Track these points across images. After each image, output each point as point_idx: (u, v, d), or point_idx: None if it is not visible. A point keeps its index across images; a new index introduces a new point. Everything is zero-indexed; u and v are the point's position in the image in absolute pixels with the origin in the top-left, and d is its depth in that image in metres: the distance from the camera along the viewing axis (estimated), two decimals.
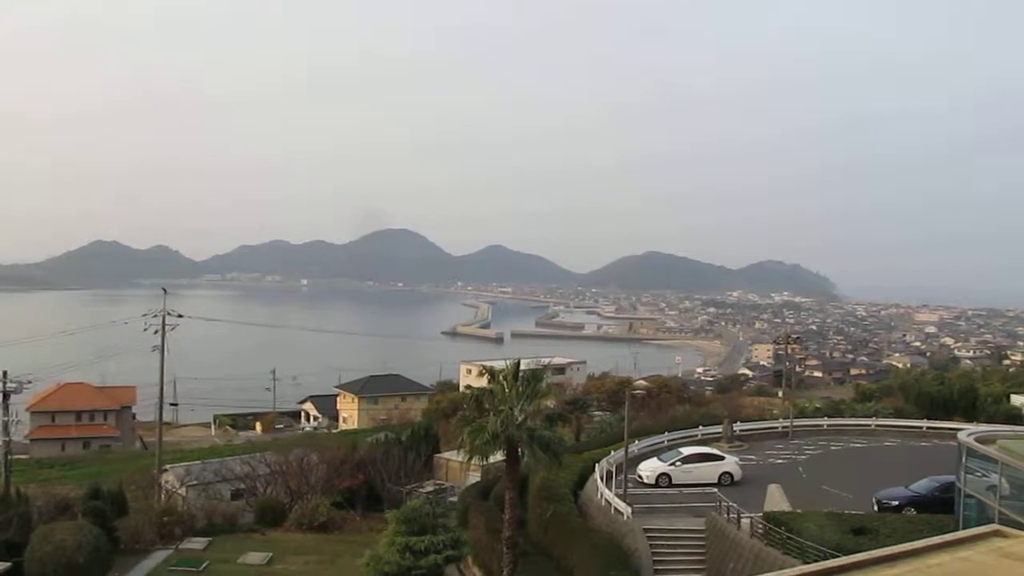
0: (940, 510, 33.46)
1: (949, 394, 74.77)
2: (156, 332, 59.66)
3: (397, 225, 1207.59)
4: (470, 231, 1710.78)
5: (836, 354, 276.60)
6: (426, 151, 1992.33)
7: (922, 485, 37.51)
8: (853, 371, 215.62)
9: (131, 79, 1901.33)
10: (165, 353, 59.49)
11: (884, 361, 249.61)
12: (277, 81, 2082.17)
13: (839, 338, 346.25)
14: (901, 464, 46.93)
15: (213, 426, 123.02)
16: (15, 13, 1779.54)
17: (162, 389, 62.45)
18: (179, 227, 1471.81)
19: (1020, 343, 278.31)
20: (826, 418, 64.98)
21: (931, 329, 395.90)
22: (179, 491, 54.85)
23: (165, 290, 66.87)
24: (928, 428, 59.68)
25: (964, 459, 30.76)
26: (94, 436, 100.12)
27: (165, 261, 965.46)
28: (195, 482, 55.67)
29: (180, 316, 61.21)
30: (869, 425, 61.38)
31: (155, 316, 60.04)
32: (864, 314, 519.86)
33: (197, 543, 45.14)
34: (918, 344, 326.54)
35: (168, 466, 59.64)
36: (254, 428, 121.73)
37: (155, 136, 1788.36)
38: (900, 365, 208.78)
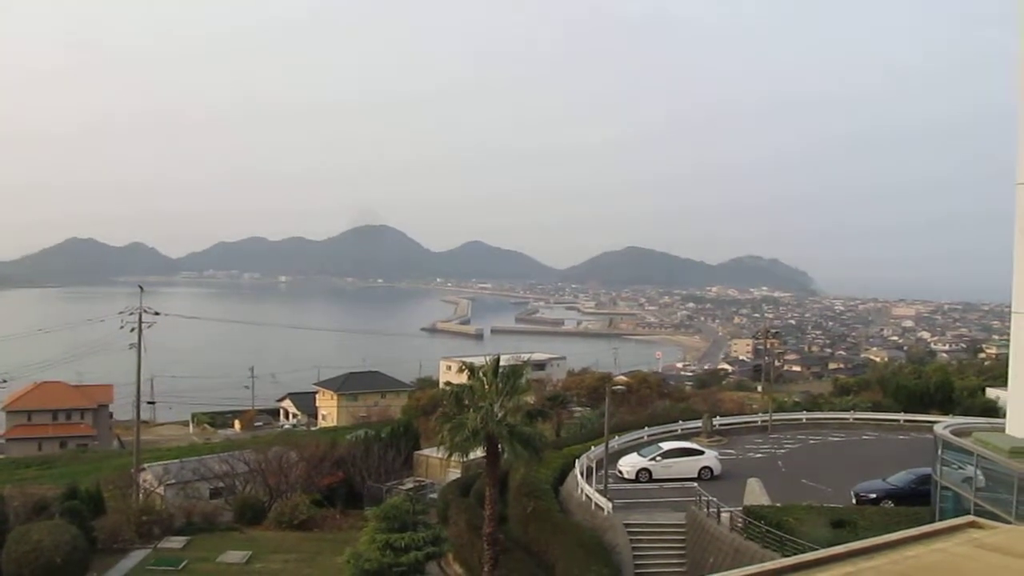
0: (917, 502, 33.82)
1: (926, 388, 75.53)
2: (132, 330, 59.21)
3: (377, 222, 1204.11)
4: (449, 227, 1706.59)
5: (814, 349, 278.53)
6: (406, 147, 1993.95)
7: (900, 478, 37.87)
8: (831, 365, 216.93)
9: (111, 84, 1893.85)
10: (142, 351, 59.07)
11: (862, 355, 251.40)
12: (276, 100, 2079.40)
13: (817, 333, 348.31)
14: (879, 457, 47.34)
15: (191, 424, 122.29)
16: None
17: (139, 387, 62.05)
18: (155, 224, 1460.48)
19: (995, 337, 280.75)
20: (805, 412, 65.52)
21: (908, 323, 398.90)
22: (157, 490, 54.51)
23: (142, 287, 66.40)
24: (905, 421, 60.25)
25: (940, 452, 31.07)
26: (71, 435, 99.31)
27: (141, 258, 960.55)
28: (173, 481, 55.33)
29: (157, 314, 60.77)
30: (847, 419, 61.89)
31: (131, 314, 59.59)
32: (842, 308, 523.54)
33: (176, 542, 44.86)
34: (895, 338, 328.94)
35: (146, 465, 59.21)
36: (233, 426, 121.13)
37: (131, 136, 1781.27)
38: (878, 359, 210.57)
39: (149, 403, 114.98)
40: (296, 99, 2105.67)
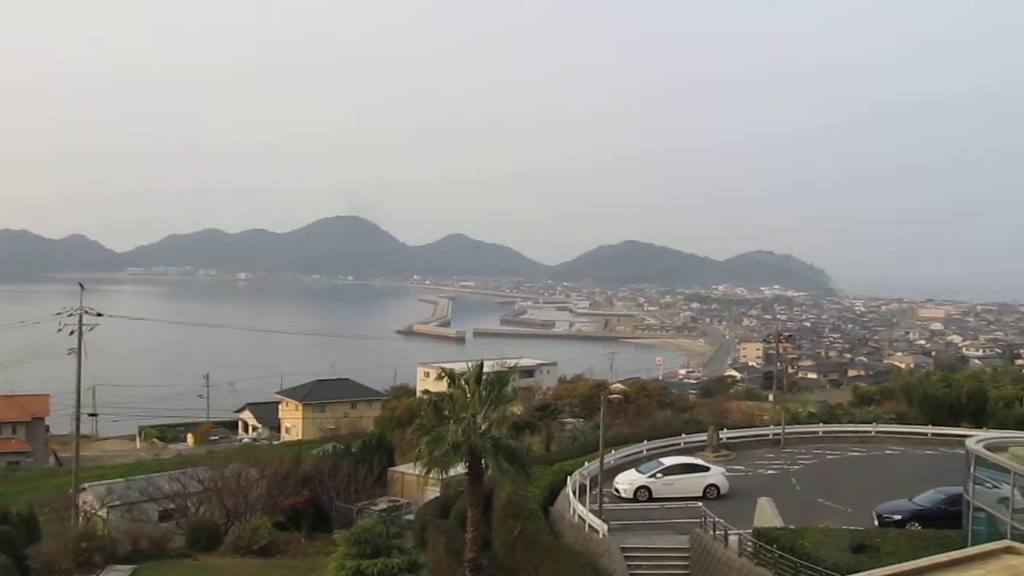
0: (947, 525, 33.81)
1: (956, 397, 75.58)
2: (72, 333, 58.75)
3: (347, 212, 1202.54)
4: (428, 219, 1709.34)
5: (832, 354, 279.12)
6: (379, 135, 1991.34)
7: (927, 497, 37.90)
8: (851, 372, 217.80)
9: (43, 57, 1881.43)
10: (83, 357, 58.63)
11: (885, 361, 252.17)
12: (225, 63, 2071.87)
13: (835, 336, 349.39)
14: (904, 474, 47.41)
15: (138, 439, 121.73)
16: None
17: (79, 397, 61.52)
18: (98, 212, 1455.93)
19: None
20: (821, 424, 65.58)
21: (936, 326, 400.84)
22: (99, 513, 54.14)
23: (82, 285, 65.80)
24: (933, 435, 60.34)
25: (973, 468, 31.09)
26: (1, 452, 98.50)
27: (83, 252, 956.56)
28: (118, 502, 54.96)
29: (100, 315, 60.31)
30: (869, 432, 61.98)
31: (70, 315, 59.13)
32: (863, 309, 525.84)
33: (120, 571, 44.57)
34: (922, 342, 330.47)
35: (87, 484, 58.79)
36: (185, 440, 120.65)
37: (75, 117, 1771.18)
38: (902, 365, 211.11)
39: (91, 415, 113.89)
40: (246, 62, 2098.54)
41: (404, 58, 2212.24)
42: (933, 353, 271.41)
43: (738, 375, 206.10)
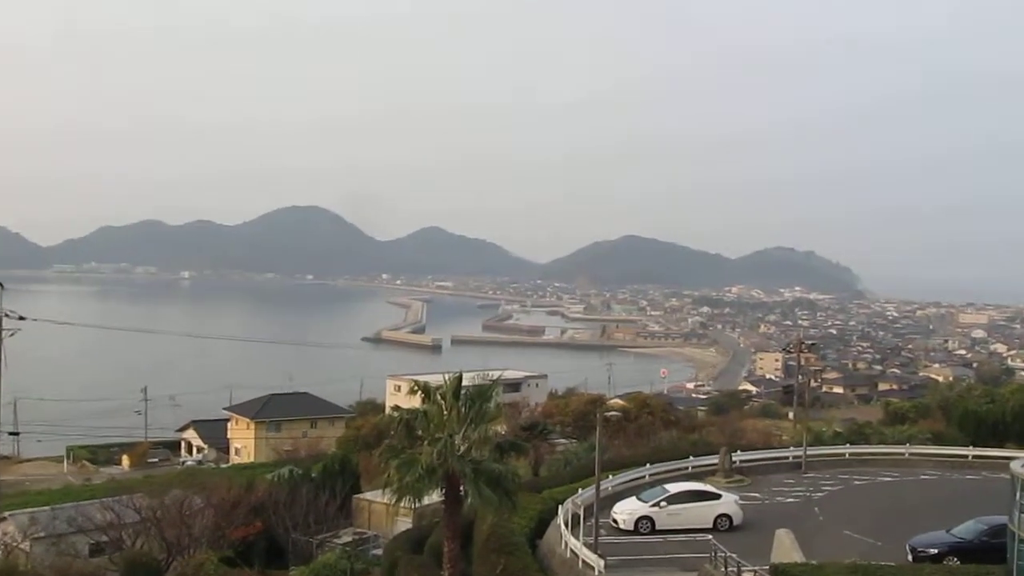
0: (989, 559, 33.94)
1: (1001, 414, 75.89)
2: None
3: (304, 202, 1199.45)
4: (399, 209, 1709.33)
5: (861, 365, 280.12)
6: (341, 117, 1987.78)
7: (967, 529, 38.07)
8: (882, 386, 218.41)
9: None
10: (2, 367, 58.35)
11: (920, 374, 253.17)
12: (159, 24, 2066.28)
13: (864, 345, 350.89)
14: (941, 502, 47.65)
15: (66, 461, 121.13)
16: None
17: None
18: (19, 201, 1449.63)
19: None
20: (848, 445, 65.74)
21: (978, 333, 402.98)
22: (21, 545, 53.89)
23: (2, 284, 65.59)
24: (974, 457, 60.62)
25: (1019, 495, 31.22)
26: None
27: (2, 247, 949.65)
28: (42, 533, 54.70)
29: (22, 318, 60.06)
30: (902, 454, 62.20)
31: None
32: (896, 314, 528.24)
33: None
34: (962, 352, 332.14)
35: (7, 513, 58.56)
36: (120, 463, 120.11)
37: None
38: (940, 378, 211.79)
39: (11, 434, 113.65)
40: (186, 25, 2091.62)
41: (374, 30, 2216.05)
42: (975, 364, 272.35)
43: (754, 389, 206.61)
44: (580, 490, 46.57)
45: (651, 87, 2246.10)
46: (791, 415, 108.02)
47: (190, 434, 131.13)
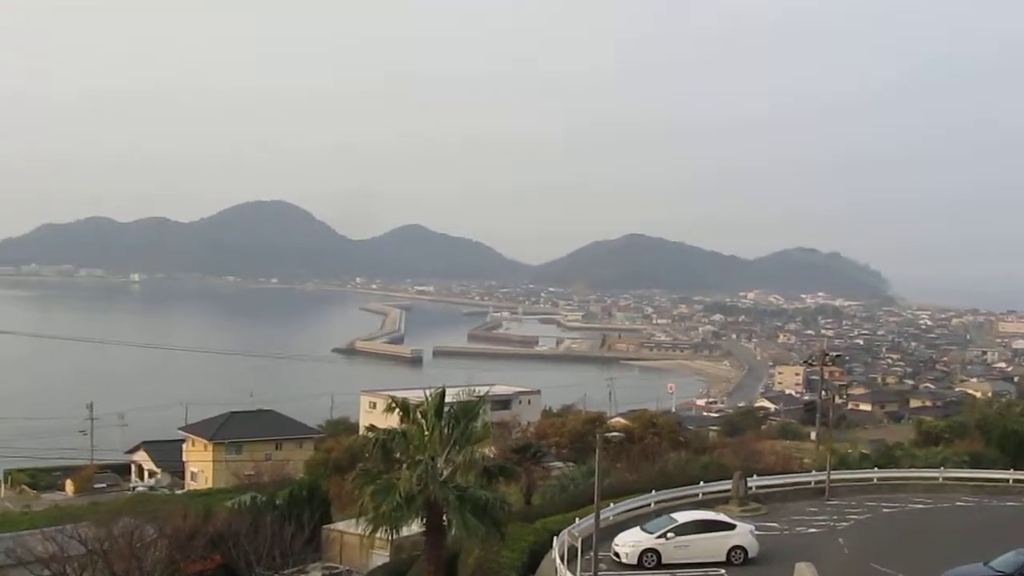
0: None
1: None
2: None
3: (269, 196, 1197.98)
4: (376, 205, 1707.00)
5: (891, 380, 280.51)
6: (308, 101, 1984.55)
7: (1007, 561, 38.17)
8: (913, 403, 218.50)
9: None
10: None
11: (956, 389, 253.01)
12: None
13: (895, 357, 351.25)
14: (979, 532, 47.77)
15: (3, 486, 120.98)
16: None
17: None
18: None
19: None
20: (877, 469, 65.94)
21: (1020, 343, 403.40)
22: None
23: None
24: (1015, 481, 60.80)
25: None
26: None
27: None
28: None
29: None
30: (935, 478, 62.38)
31: None
32: (929, 322, 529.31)
33: None
34: (1003, 365, 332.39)
35: None
36: (63, 488, 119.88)
37: None
38: (978, 394, 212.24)
39: None
40: None
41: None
42: (1016, 378, 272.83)
43: (772, 407, 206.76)
44: (577, 519, 46.57)
45: (653, 67, 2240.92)
46: (813, 435, 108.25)
47: (141, 456, 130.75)
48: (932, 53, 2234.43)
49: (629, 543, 44.75)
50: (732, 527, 45.38)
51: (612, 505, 50.00)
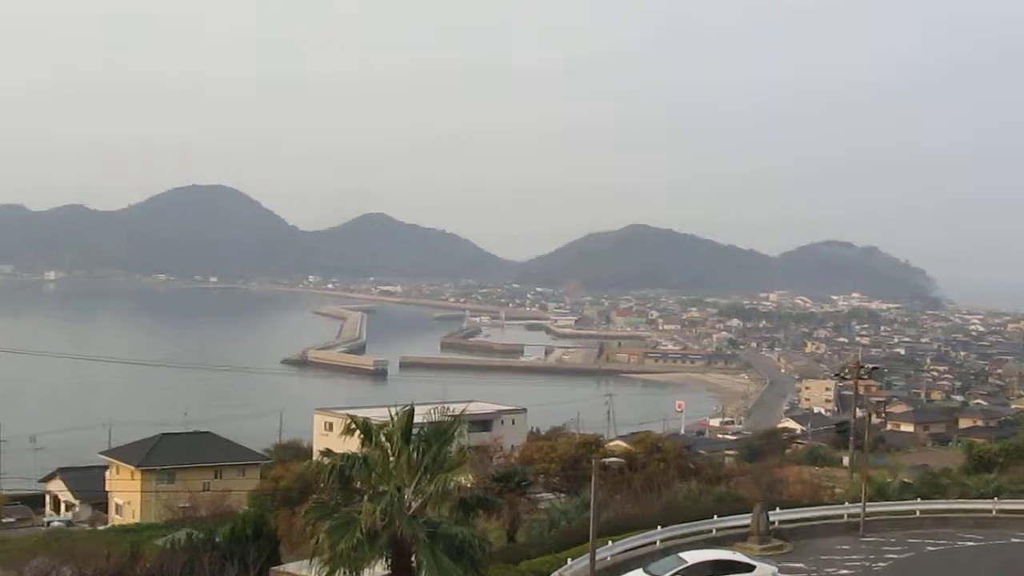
0: None
1: None
2: None
3: (207, 180, 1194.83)
4: (332, 191, 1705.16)
5: (936, 395, 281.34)
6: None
7: None
8: (963, 422, 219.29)
9: None
10: None
11: (1012, 406, 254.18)
12: None
13: (941, 368, 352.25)
14: None
15: None
16: None
17: None
18: None
19: None
20: (920, 500, 66.09)
21: None
22: None
23: None
24: None
25: None
26: None
27: None
28: None
29: None
30: (988, 511, 62.56)
31: None
32: (982, 328, 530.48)
33: None
34: None
35: None
36: None
37: None
38: None
39: None
40: None
41: None
42: None
43: (798, 428, 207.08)
44: (570, 560, 46.64)
45: (664, 45, 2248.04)
46: (846, 461, 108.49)
47: (56, 485, 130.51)
48: (983, 38, 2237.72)
49: None
50: (751, 569, 45.51)
51: (610, 543, 50.04)
